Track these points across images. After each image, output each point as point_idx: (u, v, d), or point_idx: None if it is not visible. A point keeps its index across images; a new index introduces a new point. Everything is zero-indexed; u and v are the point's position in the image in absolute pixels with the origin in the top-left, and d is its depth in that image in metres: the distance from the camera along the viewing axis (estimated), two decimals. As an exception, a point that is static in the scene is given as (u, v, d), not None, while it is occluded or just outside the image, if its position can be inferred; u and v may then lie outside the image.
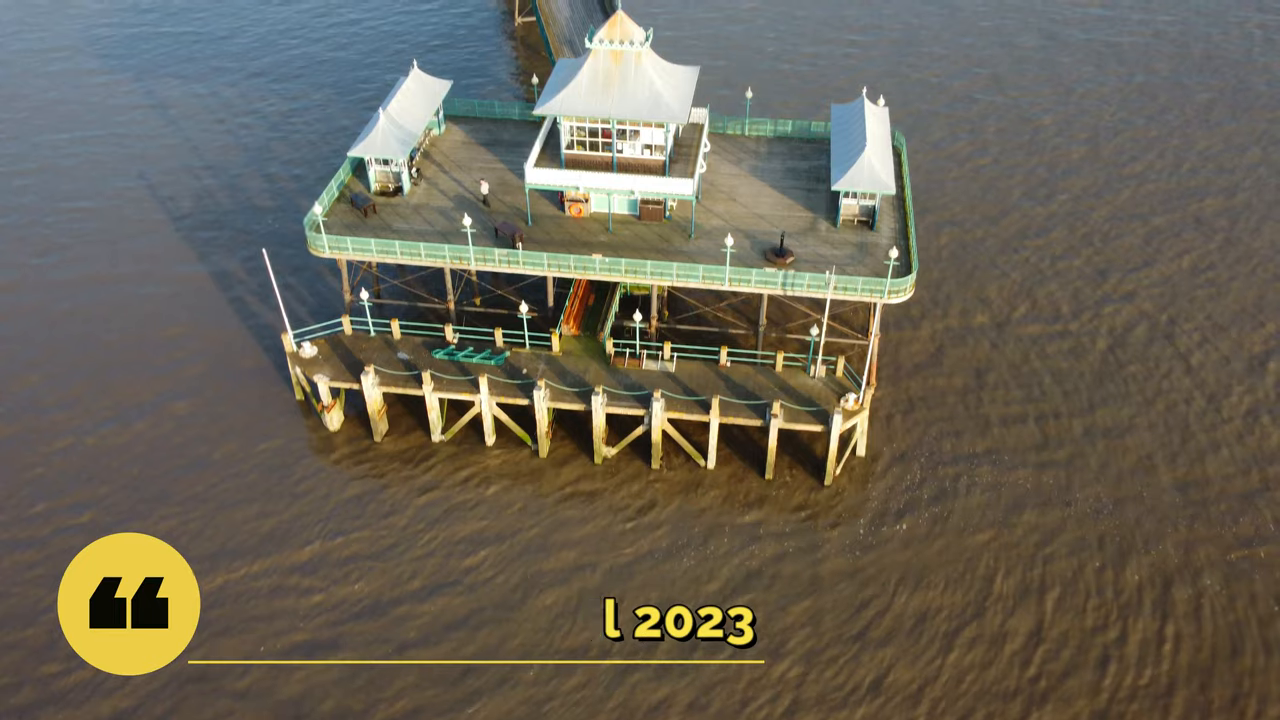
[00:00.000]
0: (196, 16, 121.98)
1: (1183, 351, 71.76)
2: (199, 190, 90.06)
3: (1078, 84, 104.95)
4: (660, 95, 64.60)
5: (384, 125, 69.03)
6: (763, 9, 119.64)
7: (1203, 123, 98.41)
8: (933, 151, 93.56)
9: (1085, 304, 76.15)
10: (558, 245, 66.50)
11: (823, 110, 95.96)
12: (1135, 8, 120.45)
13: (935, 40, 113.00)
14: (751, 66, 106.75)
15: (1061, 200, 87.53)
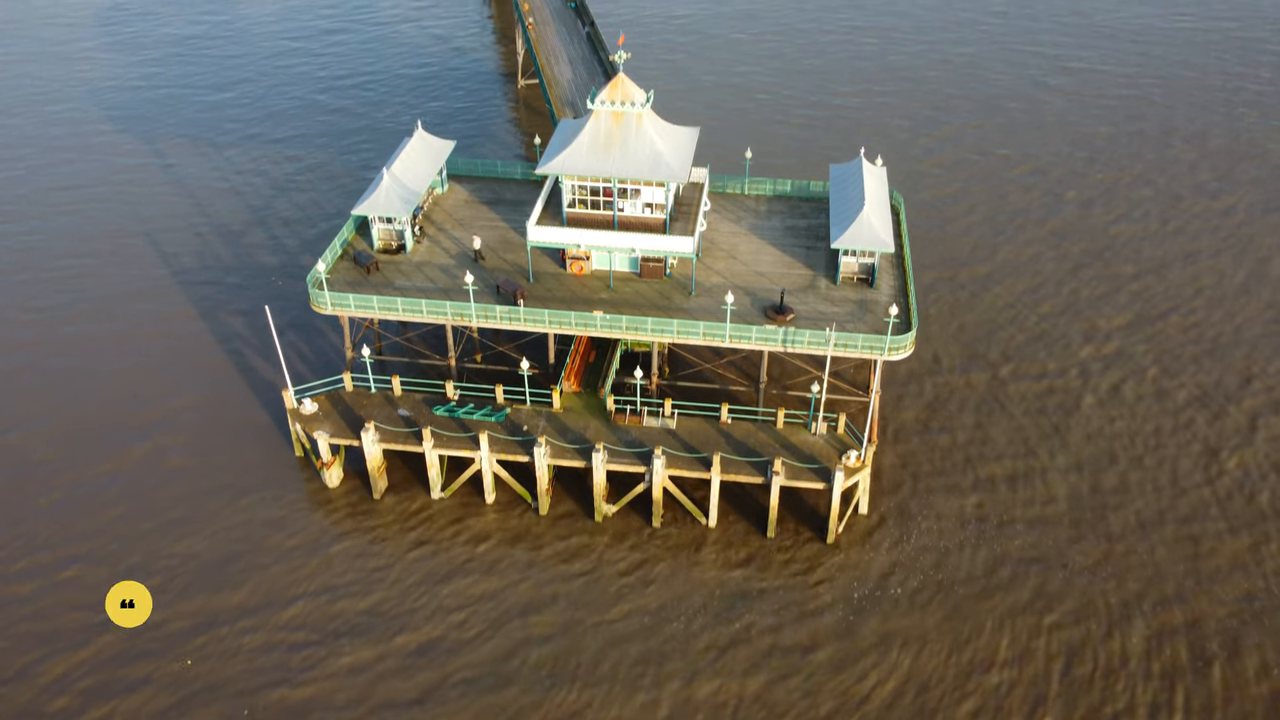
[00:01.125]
0: (201, 72, 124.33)
1: (1172, 409, 71.64)
2: (201, 244, 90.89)
3: (1065, 142, 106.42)
4: (661, 155, 65.50)
5: (388, 184, 69.88)
6: (760, 71, 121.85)
7: (1188, 180, 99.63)
8: (926, 209, 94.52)
9: (1076, 359, 76.26)
10: (559, 302, 66.84)
11: (821, 169, 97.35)
12: (1119, 66, 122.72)
13: (924, 97, 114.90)
14: (750, 126, 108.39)
15: (1050, 256, 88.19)
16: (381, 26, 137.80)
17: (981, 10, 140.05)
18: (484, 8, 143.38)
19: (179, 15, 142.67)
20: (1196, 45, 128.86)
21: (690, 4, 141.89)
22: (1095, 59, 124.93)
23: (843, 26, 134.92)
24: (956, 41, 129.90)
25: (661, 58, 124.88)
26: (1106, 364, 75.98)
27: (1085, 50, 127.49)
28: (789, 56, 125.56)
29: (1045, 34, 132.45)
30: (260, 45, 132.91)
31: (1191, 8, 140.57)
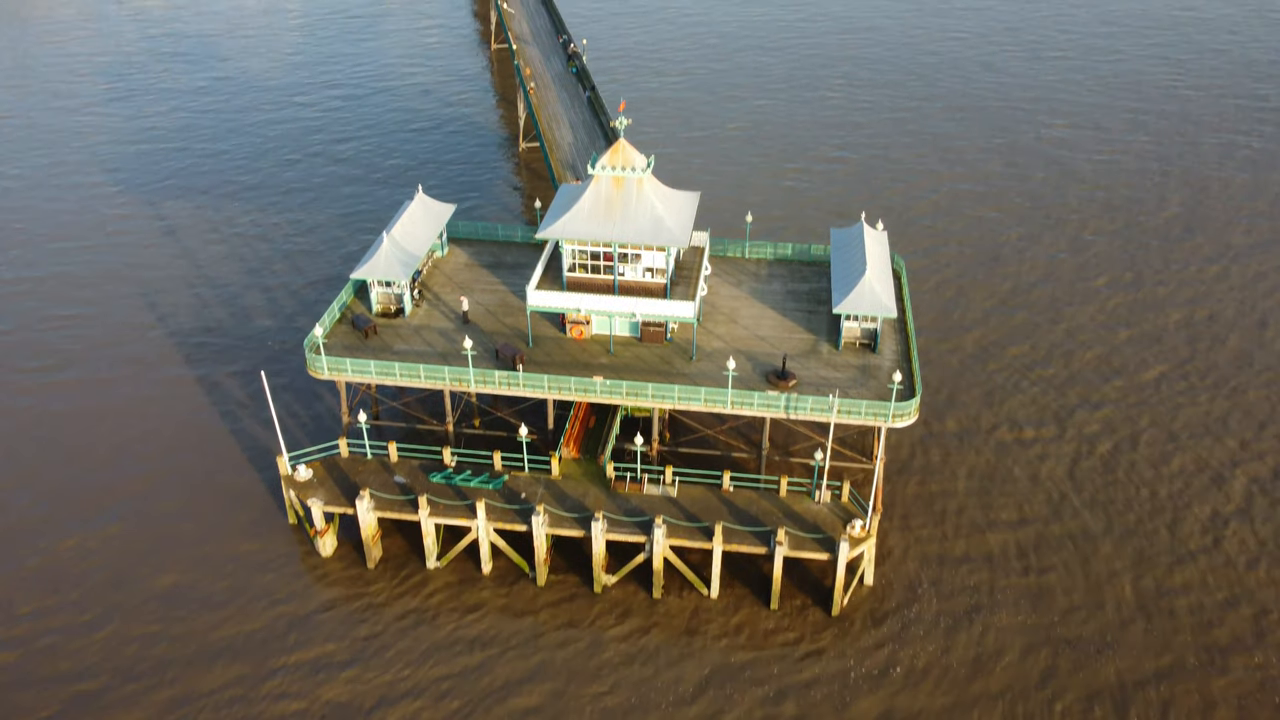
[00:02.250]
0: (201, 128, 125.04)
1: (1168, 474, 70.49)
2: (198, 302, 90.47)
3: (1059, 202, 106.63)
4: (662, 220, 65.32)
5: (387, 248, 69.63)
6: (757, 130, 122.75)
7: (1181, 241, 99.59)
8: (917, 269, 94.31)
9: (1080, 420, 75.31)
10: (558, 367, 66.12)
11: (821, 232, 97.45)
12: (1114, 123, 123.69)
13: (919, 153, 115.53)
14: (749, 187, 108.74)
15: (1043, 317, 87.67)
16: (384, 86, 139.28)
17: (975, 66, 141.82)
18: (486, 70, 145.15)
19: (181, 71, 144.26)
20: (1191, 104, 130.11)
21: (684, 64, 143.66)
22: (1089, 116, 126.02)
23: (838, 82, 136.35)
24: (951, 96, 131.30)
25: (659, 118, 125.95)
26: (1103, 428, 75.00)
27: (1080, 109, 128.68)
28: (786, 114, 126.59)
29: (1042, 90, 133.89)
30: (261, 101, 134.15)
31: (1186, 66, 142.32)
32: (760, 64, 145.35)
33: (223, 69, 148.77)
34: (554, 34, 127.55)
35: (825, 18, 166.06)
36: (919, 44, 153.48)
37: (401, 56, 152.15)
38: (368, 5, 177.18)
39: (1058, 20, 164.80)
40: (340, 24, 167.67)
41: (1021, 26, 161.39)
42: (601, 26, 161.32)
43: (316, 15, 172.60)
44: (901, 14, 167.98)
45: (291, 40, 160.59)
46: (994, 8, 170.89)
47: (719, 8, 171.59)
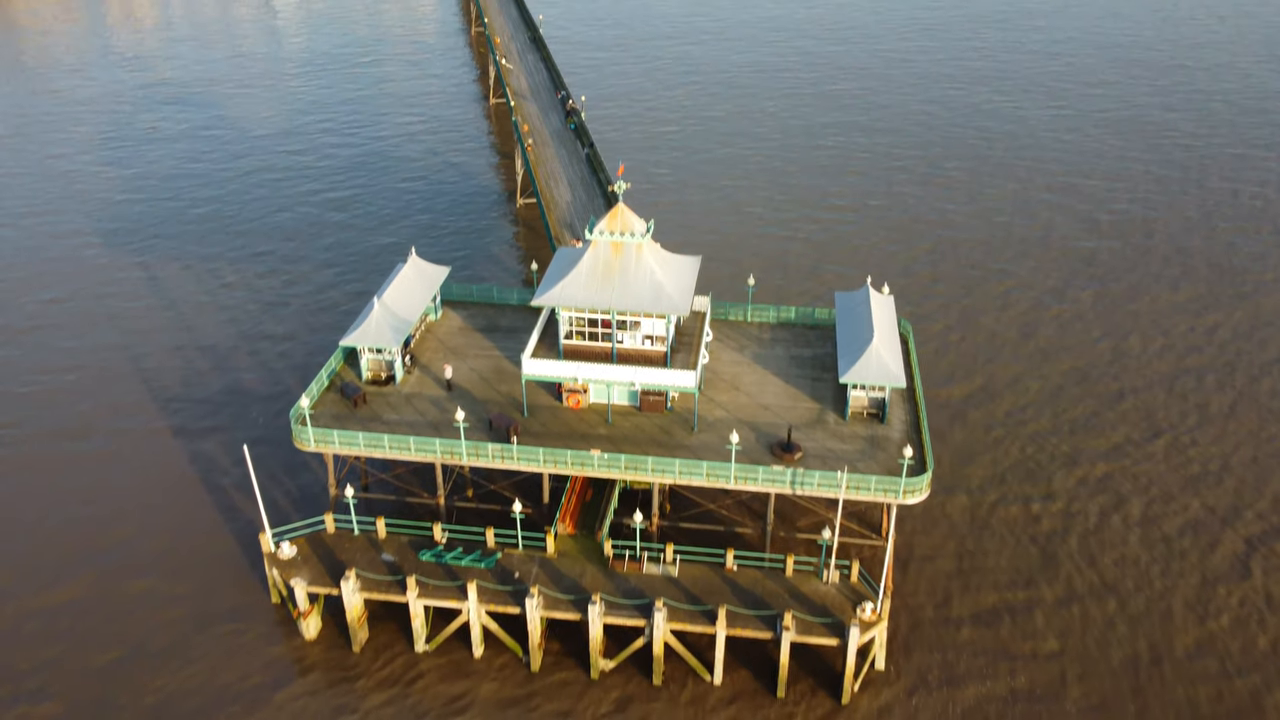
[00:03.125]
0: (194, 183, 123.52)
1: (1161, 537, 67.70)
2: (184, 363, 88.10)
3: (1053, 259, 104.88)
4: (661, 286, 63.21)
5: (378, 314, 67.42)
6: (755, 185, 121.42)
7: (1170, 298, 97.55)
8: (918, 323, 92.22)
9: (1081, 484, 72.64)
10: (554, 438, 63.59)
11: (824, 293, 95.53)
12: (1109, 181, 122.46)
13: (912, 211, 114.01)
14: (749, 245, 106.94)
15: (1034, 375, 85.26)
16: (381, 138, 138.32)
17: (970, 111, 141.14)
18: (485, 124, 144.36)
19: (174, 121, 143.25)
20: (1184, 159, 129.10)
21: (682, 115, 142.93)
22: (1085, 172, 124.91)
23: (833, 132, 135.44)
24: (947, 143, 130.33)
25: (657, 171, 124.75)
26: (1105, 494, 72.35)
27: (1077, 166, 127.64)
28: (784, 164, 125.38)
29: (1039, 147, 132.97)
30: (254, 152, 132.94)
31: (1183, 114, 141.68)
32: (757, 113, 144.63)
33: (216, 119, 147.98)
34: (552, 89, 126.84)
35: (819, 64, 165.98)
36: (914, 91, 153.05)
37: (399, 109, 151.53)
38: (365, 57, 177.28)
39: (1053, 65, 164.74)
40: (337, 76, 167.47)
41: (1017, 73, 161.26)
42: (599, 80, 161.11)
43: (314, 67, 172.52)
44: (896, 62, 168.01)
45: (287, 92, 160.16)
46: (989, 55, 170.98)
47: (717, 59, 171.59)
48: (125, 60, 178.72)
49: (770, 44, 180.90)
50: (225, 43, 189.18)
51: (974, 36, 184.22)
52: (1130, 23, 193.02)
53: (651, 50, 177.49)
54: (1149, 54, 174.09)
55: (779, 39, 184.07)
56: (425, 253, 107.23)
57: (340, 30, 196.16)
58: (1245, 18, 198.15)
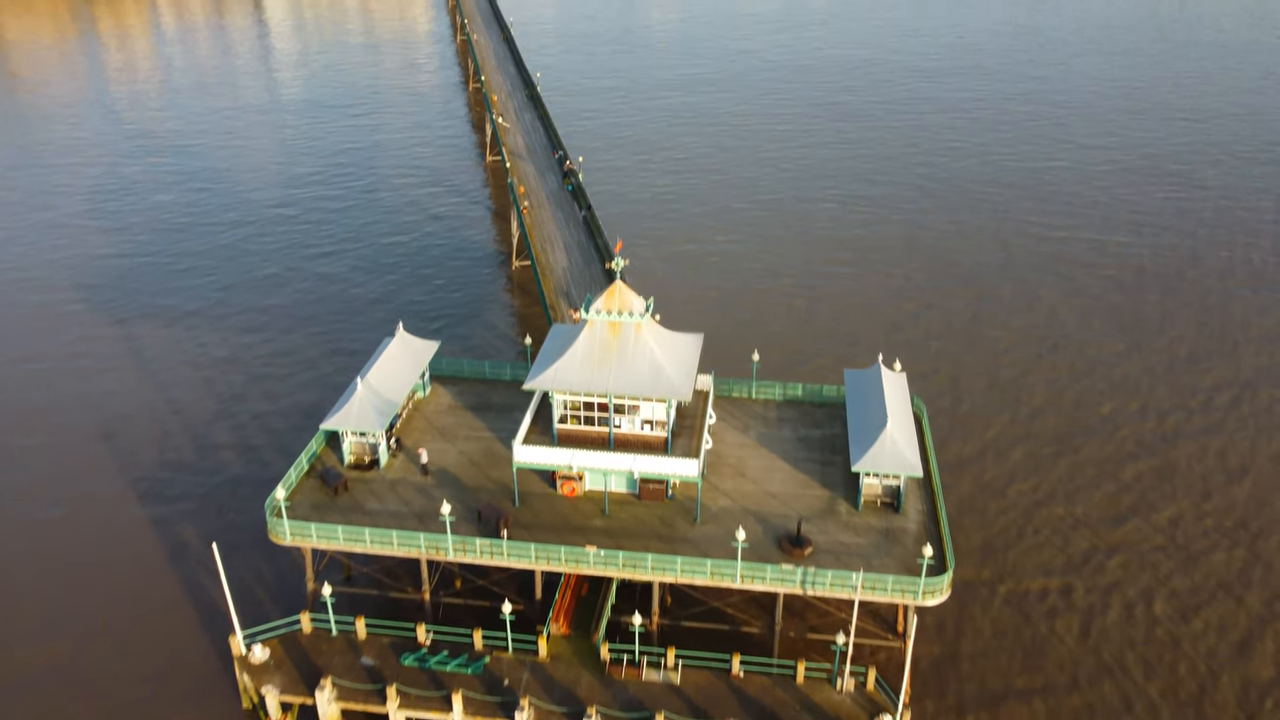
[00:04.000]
0: (177, 243, 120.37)
1: (1179, 611, 63.37)
2: (160, 436, 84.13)
3: (1056, 320, 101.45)
4: (662, 368, 59.55)
5: (362, 395, 63.69)
6: (758, 252, 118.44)
7: (1183, 358, 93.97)
8: (931, 407, 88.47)
9: (1098, 572, 68.36)
10: (547, 530, 59.53)
11: (830, 364, 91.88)
12: (1112, 236, 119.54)
13: (912, 274, 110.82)
14: (754, 318, 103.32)
15: (1043, 440, 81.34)
16: (374, 196, 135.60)
17: (972, 174, 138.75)
18: (482, 182, 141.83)
19: (162, 177, 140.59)
20: (1189, 216, 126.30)
21: (676, 171, 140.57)
22: (1087, 227, 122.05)
23: (831, 185, 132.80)
24: (945, 200, 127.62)
25: (653, 231, 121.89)
26: (1124, 582, 68.10)
27: (1079, 221, 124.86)
28: (782, 225, 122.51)
29: (1038, 196, 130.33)
30: (243, 209, 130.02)
31: (1181, 180, 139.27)
32: (754, 165, 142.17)
33: (206, 171, 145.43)
34: (550, 149, 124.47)
35: (816, 114, 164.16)
36: (913, 140, 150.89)
37: (394, 164, 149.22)
38: (362, 111, 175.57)
39: (1050, 123, 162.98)
40: (332, 130, 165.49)
41: (1018, 121, 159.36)
42: (596, 130, 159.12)
43: (308, 120, 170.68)
44: (894, 111, 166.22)
45: (280, 145, 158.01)
46: (986, 113, 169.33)
47: (713, 110, 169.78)
48: (119, 111, 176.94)
49: (766, 94, 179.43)
50: (222, 93, 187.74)
51: (973, 86, 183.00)
52: (1131, 71, 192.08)
53: (648, 101, 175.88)
54: (1151, 103, 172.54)
55: (774, 88, 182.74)
56: (417, 315, 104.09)
57: (338, 83, 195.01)
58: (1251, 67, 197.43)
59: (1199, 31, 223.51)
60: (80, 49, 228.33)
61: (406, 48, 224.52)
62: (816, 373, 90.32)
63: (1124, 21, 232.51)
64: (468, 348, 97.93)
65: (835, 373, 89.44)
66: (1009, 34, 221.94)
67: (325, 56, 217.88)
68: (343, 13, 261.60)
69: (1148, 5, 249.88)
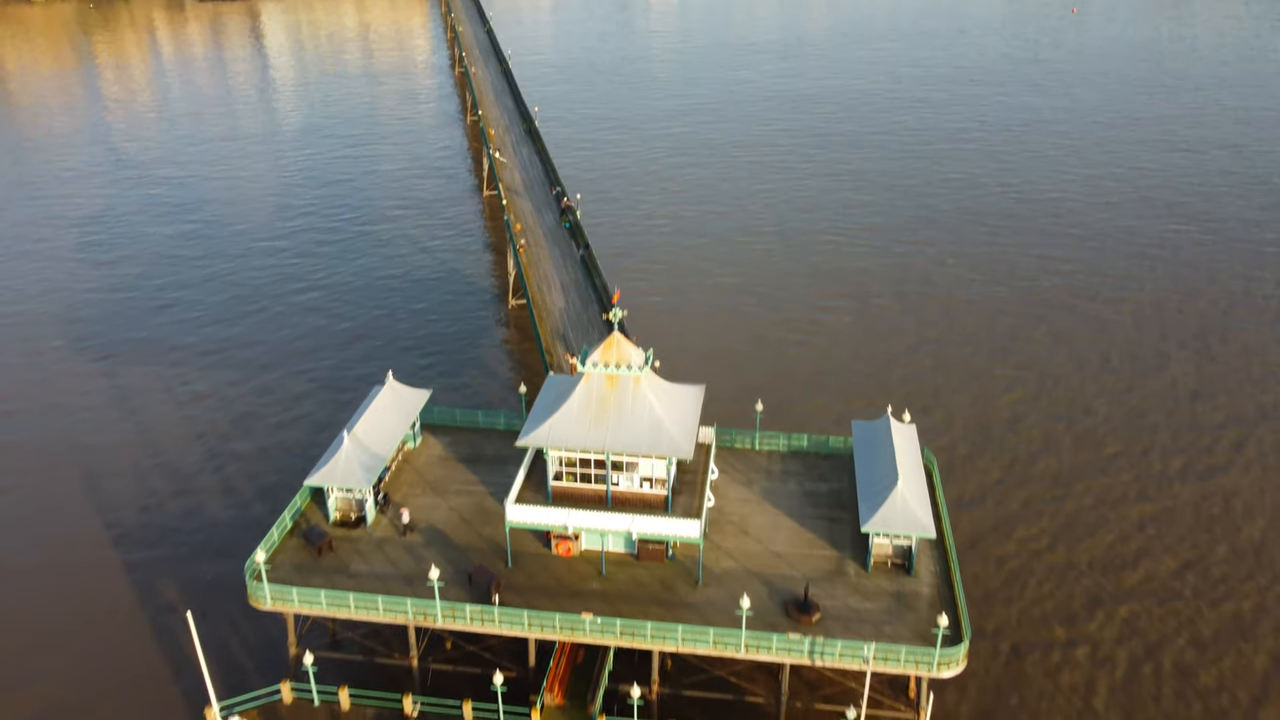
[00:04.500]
0: (167, 280, 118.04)
1: (1200, 691, 60.39)
2: (142, 485, 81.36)
3: (1060, 366, 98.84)
4: (661, 424, 56.86)
5: (348, 449, 60.93)
6: (759, 291, 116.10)
7: (1189, 408, 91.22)
8: (937, 455, 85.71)
9: (1119, 637, 65.30)
10: (541, 594, 56.59)
11: (833, 408, 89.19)
12: (1115, 277, 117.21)
13: (912, 315, 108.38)
14: (755, 361, 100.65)
15: (1047, 498, 78.37)
16: (368, 231, 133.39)
17: (975, 206, 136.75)
18: (479, 218, 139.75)
19: (156, 211, 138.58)
20: (1189, 250, 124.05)
21: (674, 204, 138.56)
22: (1087, 260, 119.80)
23: (831, 218, 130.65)
24: (953, 233, 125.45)
25: (650, 269, 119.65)
26: (1127, 635, 65.12)
27: (1079, 254, 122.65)
28: (782, 262, 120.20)
29: (1038, 234, 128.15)
30: (236, 245, 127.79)
31: (1181, 213, 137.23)
32: (753, 198, 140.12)
33: (200, 205, 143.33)
34: (547, 185, 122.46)
35: (815, 144, 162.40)
36: (909, 183, 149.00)
37: (389, 198, 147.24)
38: (359, 144, 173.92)
39: (1049, 155, 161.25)
40: (328, 162, 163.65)
41: (1014, 162, 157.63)
42: (594, 160, 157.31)
43: (304, 151, 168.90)
44: (895, 141, 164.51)
45: (275, 177, 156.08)
46: (984, 146, 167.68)
47: (713, 140, 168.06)
48: (113, 141, 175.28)
49: (765, 124, 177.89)
50: (218, 124, 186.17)
51: (972, 117, 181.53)
52: (1131, 102, 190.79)
53: (646, 132, 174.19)
54: (1152, 135, 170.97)
55: (773, 118, 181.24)
56: (409, 354, 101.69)
57: (335, 114, 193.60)
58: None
59: (1197, 64, 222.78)
60: (78, 79, 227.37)
61: (405, 79, 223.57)
62: (819, 415, 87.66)
63: (1122, 51, 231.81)
64: (461, 390, 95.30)
65: (837, 416, 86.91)
66: (1008, 65, 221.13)
67: (323, 87, 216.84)
68: (342, 43, 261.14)
69: (1147, 37, 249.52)
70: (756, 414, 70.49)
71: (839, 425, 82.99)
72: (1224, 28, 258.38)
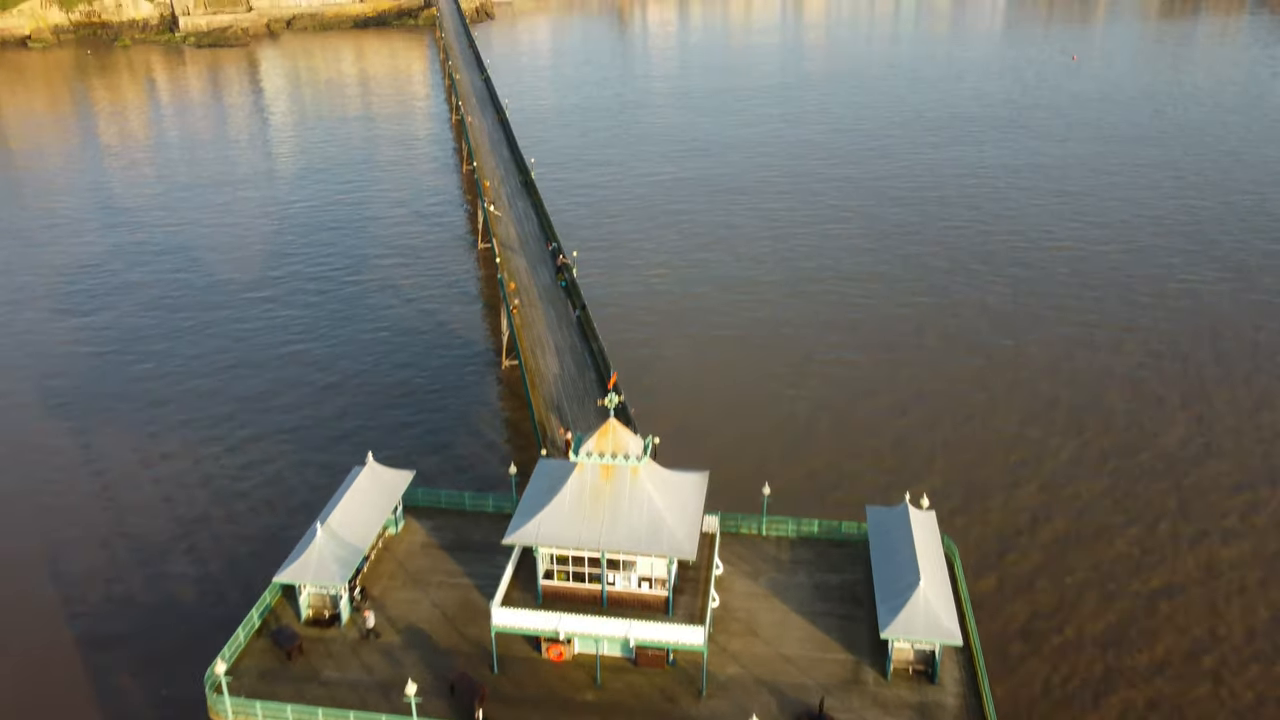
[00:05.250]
0: (145, 330, 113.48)
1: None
2: (107, 561, 76.72)
3: (1068, 426, 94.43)
4: (662, 520, 52.25)
5: (321, 543, 56.24)
6: (760, 353, 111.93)
7: (1200, 472, 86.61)
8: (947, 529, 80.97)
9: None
10: (531, 705, 51.62)
11: (847, 494, 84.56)
12: (1118, 323, 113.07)
13: (916, 373, 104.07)
14: (757, 431, 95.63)
15: (1051, 569, 73.58)
16: (357, 285, 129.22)
17: (971, 263, 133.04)
18: (473, 273, 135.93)
19: (141, 261, 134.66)
20: (1207, 306, 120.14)
21: (669, 254, 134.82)
22: (1100, 317, 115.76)
23: (833, 277, 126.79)
24: (960, 294, 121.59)
25: (645, 323, 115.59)
26: None
27: (1091, 309, 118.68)
28: (784, 319, 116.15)
29: (1050, 289, 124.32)
30: (218, 296, 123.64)
31: (1198, 262, 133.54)
32: (752, 249, 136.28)
33: (183, 257, 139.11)
34: (543, 240, 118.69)
35: (815, 192, 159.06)
36: (910, 232, 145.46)
37: (381, 249, 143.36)
38: (350, 192, 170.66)
39: (1056, 203, 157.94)
40: (318, 211, 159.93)
41: (1018, 209, 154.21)
42: (589, 204, 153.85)
43: (295, 201, 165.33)
44: (897, 192, 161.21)
45: (264, 227, 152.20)
46: (988, 191, 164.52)
47: (711, 187, 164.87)
48: (103, 188, 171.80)
49: (765, 169, 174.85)
50: (212, 170, 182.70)
51: (976, 163, 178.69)
52: (1139, 148, 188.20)
53: (643, 179, 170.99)
54: (1163, 179, 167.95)
55: (773, 162, 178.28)
56: (395, 417, 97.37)
57: (330, 161, 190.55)
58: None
59: (1199, 111, 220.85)
60: (73, 124, 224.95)
61: (402, 126, 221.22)
62: (827, 489, 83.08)
63: (1123, 97, 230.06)
64: (449, 457, 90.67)
65: (847, 489, 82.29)
66: (1010, 110, 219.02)
67: (319, 134, 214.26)
68: (340, 90, 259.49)
69: (1146, 80, 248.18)
70: (764, 498, 65.72)
71: (851, 503, 78.17)
72: (1227, 75, 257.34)
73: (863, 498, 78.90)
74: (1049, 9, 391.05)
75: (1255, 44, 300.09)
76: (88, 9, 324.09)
